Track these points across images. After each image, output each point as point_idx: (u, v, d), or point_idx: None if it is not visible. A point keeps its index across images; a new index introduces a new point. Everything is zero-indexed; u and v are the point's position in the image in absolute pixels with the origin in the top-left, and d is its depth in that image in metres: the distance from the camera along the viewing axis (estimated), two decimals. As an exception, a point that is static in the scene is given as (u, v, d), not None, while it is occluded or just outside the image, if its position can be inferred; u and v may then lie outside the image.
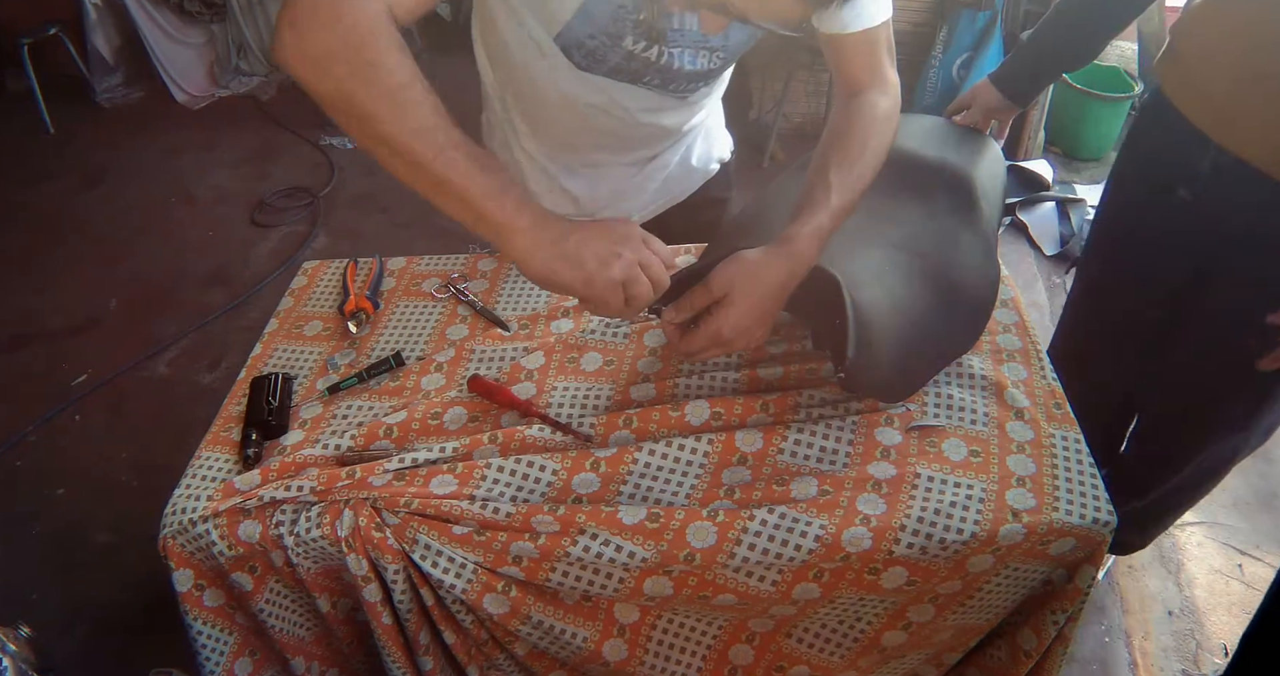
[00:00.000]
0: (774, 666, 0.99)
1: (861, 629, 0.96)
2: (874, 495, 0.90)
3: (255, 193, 3.23)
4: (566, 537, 0.88)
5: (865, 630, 0.96)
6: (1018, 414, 0.98)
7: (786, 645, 0.97)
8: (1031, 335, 1.09)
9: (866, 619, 0.95)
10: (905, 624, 0.95)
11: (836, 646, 0.97)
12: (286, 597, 1.01)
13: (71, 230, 3.11)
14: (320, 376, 1.11)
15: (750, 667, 0.99)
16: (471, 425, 1.02)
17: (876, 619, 0.95)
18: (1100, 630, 1.68)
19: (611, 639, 0.95)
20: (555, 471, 0.94)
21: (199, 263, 2.89)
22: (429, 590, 0.92)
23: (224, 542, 0.93)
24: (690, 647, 0.97)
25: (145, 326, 2.62)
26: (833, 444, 0.95)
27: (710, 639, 0.97)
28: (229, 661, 1.01)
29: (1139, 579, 1.77)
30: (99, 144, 3.60)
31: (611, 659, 0.96)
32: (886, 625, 0.95)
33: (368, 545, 0.90)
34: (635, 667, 0.97)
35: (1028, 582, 0.93)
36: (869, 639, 0.96)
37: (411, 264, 1.29)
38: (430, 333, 1.17)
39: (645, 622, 0.96)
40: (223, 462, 1.00)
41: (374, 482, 0.92)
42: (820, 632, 0.97)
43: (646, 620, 0.96)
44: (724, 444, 0.95)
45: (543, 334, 1.14)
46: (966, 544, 0.86)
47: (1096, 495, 0.89)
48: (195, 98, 3.86)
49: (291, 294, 1.27)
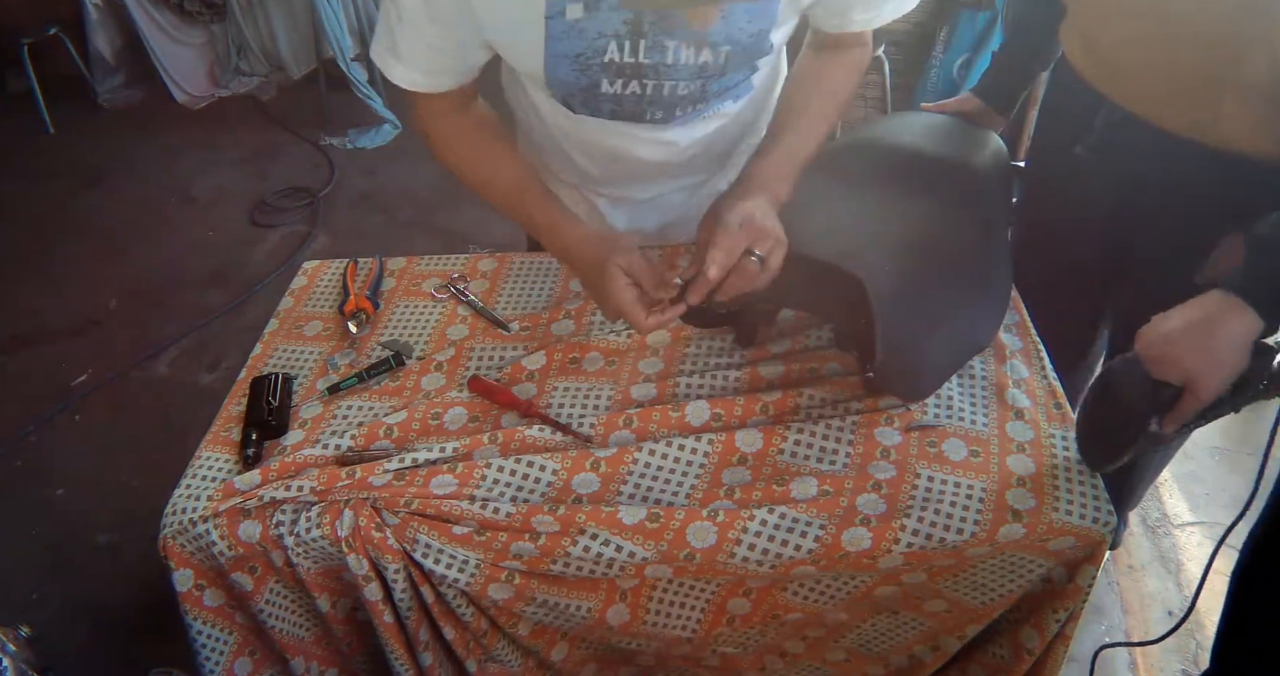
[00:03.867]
0: (770, 614, 0.99)
1: (855, 586, 0.96)
2: (874, 495, 0.90)
3: (255, 193, 3.23)
4: (566, 538, 0.88)
5: (858, 587, 0.96)
6: (1018, 414, 0.98)
7: (782, 597, 0.97)
8: (1032, 334, 1.09)
9: (860, 579, 0.95)
10: (898, 583, 0.95)
11: (830, 598, 0.97)
12: (286, 597, 1.01)
13: (71, 230, 3.11)
14: (320, 376, 1.11)
15: (748, 616, 0.99)
16: (471, 425, 1.02)
17: (870, 579, 0.95)
18: (1100, 630, 1.67)
19: (614, 605, 0.96)
20: (555, 471, 0.94)
21: (199, 263, 2.89)
22: (429, 587, 0.93)
23: (224, 542, 0.93)
24: (690, 602, 0.98)
25: (145, 326, 2.62)
26: (833, 444, 0.95)
27: (709, 595, 0.98)
28: (229, 661, 1.01)
29: (1139, 579, 1.77)
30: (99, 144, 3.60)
31: (615, 623, 0.97)
32: (879, 583, 0.95)
33: (368, 545, 0.90)
34: (638, 627, 0.98)
35: (1024, 572, 0.93)
36: (861, 593, 0.96)
37: (411, 264, 1.29)
38: (430, 332, 1.17)
39: (645, 585, 0.96)
40: (223, 462, 1.00)
41: (374, 482, 0.93)
42: (815, 586, 0.97)
43: (646, 583, 0.96)
44: (724, 444, 0.95)
45: (543, 334, 1.14)
46: (966, 543, 0.86)
47: (1096, 495, 0.89)
48: (195, 98, 3.86)
49: (291, 294, 1.27)
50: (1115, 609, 1.72)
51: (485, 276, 1.25)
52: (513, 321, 1.16)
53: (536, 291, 1.22)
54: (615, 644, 1.03)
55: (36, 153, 3.57)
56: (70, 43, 3.61)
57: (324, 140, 3.49)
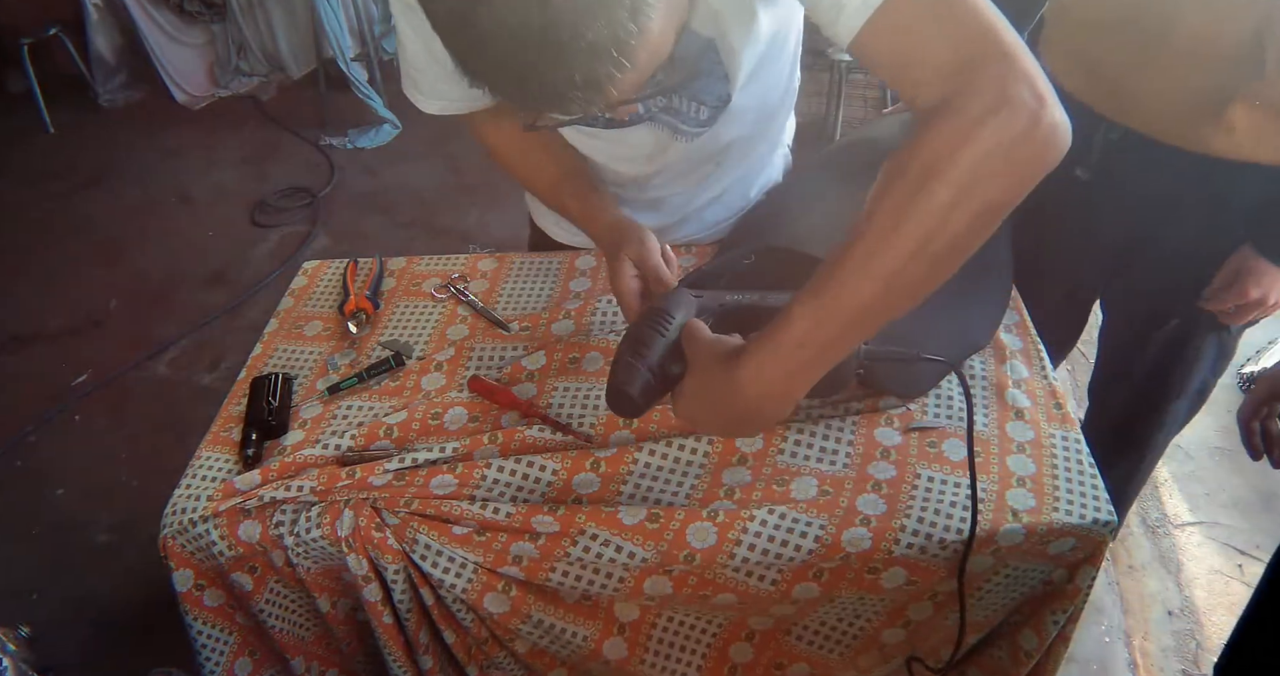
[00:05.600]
0: (774, 664, 0.99)
1: (861, 626, 0.96)
2: (874, 495, 0.90)
3: (255, 193, 3.24)
4: (566, 538, 0.88)
5: (864, 628, 0.96)
6: (1018, 414, 0.98)
7: (786, 642, 0.97)
8: (1031, 334, 1.09)
9: (866, 616, 0.95)
10: (905, 621, 0.95)
11: (836, 643, 0.97)
12: (286, 597, 1.01)
13: (71, 230, 3.11)
14: (320, 376, 1.11)
15: (750, 665, 0.99)
16: (471, 425, 1.02)
17: (875, 616, 0.95)
18: (1100, 630, 1.68)
19: (611, 638, 0.95)
20: (555, 471, 0.94)
21: (199, 263, 2.90)
22: (429, 590, 0.93)
23: (224, 542, 0.93)
24: (690, 646, 0.98)
25: (145, 326, 2.62)
26: (833, 444, 0.95)
27: (710, 637, 0.97)
28: (229, 661, 1.01)
29: (1139, 579, 1.77)
30: (99, 144, 3.60)
31: (611, 657, 0.96)
32: (885, 623, 0.95)
33: (368, 545, 0.90)
34: (635, 666, 0.97)
35: (1027, 582, 0.93)
36: (868, 636, 0.96)
37: (411, 264, 1.29)
38: (430, 332, 1.17)
39: (645, 621, 0.96)
40: (223, 462, 1.00)
41: (374, 482, 0.93)
42: (820, 630, 0.97)
43: (646, 619, 0.96)
44: (724, 444, 0.95)
45: (543, 335, 1.14)
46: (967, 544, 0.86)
47: (1096, 495, 0.89)
48: (195, 98, 3.86)
49: (291, 294, 1.27)
50: (1115, 609, 1.72)
51: (485, 276, 1.25)
52: (513, 321, 1.16)
53: (536, 291, 1.22)
54: None
55: (36, 153, 3.58)
56: (70, 43, 3.61)
57: (324, 140, 3.49)
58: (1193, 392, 1.36)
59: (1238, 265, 1.16)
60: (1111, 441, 1.45)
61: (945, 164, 0.59)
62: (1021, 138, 0.60)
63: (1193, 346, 1.28)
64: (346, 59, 3.36)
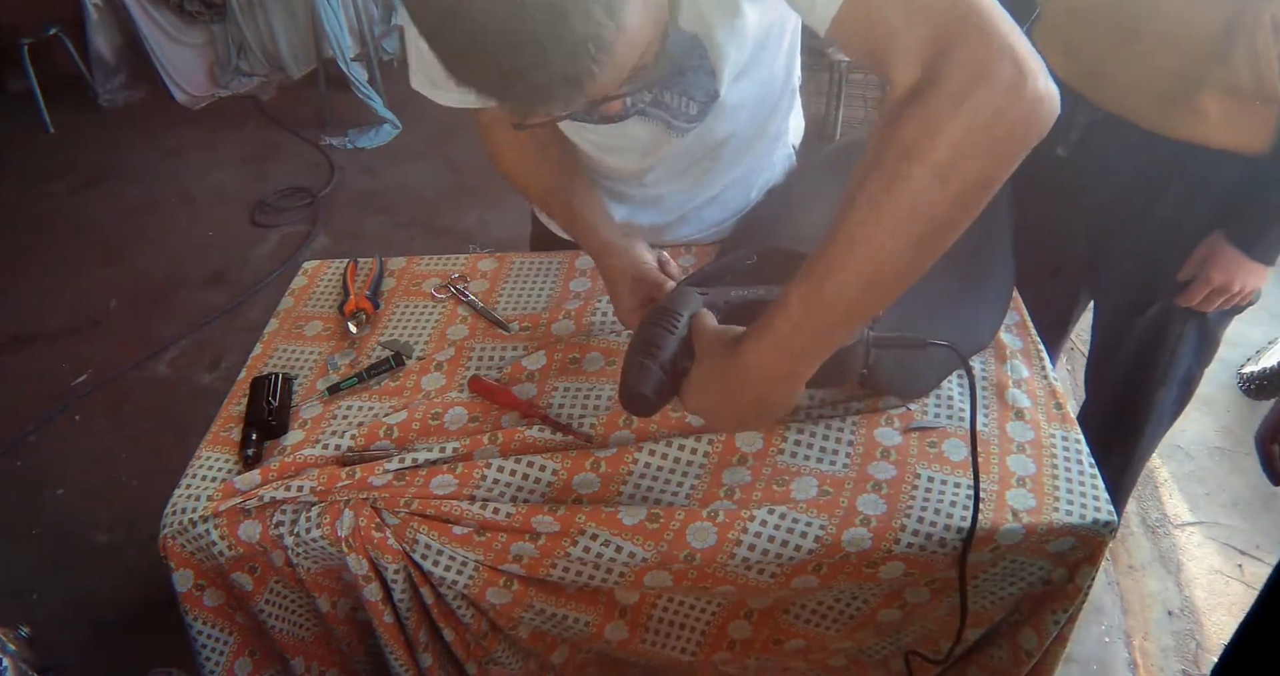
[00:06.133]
0: (771, 639, 0.99)
1: (858, 607, 0.96)
2: (874, 495, 0.90)
3: (255, 193, 3.24)
4: (566, 538, 0.88)
5: (861, 608, 0.96)
6: (1018, 414, 0.98)
7: (784, 620, 0.98)
8: (1032, 334, 1.09)
9: (863, 598, 0.95)
10: (901, 603, 0.95)
11: (833, 622, 0.98)
12: (286, 597, 1.01)
13: (71, 230, 3.11)
14: (320, 376, 1.11)
15: (748, 641, 0.99)
16: (471, 425, 1.02)
17: (873, 598, 0.95)
18: (1100, 630, 1.68)
19: (613, 621, 0.96)
20: (555, 471, 0.94)
21: (199, 263, 2.90)
22: (429, 589, 0.93)
23: (224, 542, 0.93)
24: (690, 624, 0.98)
25: (145, 326, 2.62)
26: (833, 444, 0.95)
27: (709, 616, 0.98)
28: (229, 661, 1.01)
29: (1139, 579, 1.77)
30: (99, 144, 3.60)
31: (613, 639, 0.97)
32: (882, 604, 0.95)
33: (368, 545, 0.90)
34: (636, 645, 0.98)
35: (1026, 576, 0.93)
36: (865, 616, 0.96)
37: (411, 264, 1.29)
38: (430, 333, 1.17)
39: (645, 603, 0.96)
40: (223, 462, 1.00)
41: (374, 482, 0.93)
42: (817, 609, 0.97)
43: (646, 601, 0.96)
44: (724, 444, 0.95)
45: (543, 334, 1.14)
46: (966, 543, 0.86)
47: (1096, 495, 0.89)
48: (195, 98, 3.86)
49: (291, 294, 1.27)
50: (1115, 609, 1.72)
51: (485, 276, 1.25)
52: (513, 321, 1.16)
53: (536, 291, 1.22)
54: (615, 656, 1.03)
55: (36, 153, 3.58)
56: (70, 43, 3.61)
57: (324, 140, 3.49)
58: (1178, 380, 1.38)
59: (1205, 252, 1.20)
60: (1105, 431, 1.46)
61: (924, 146, 0.58)
62: (1001, 113, 0.58)
63: (1173, 332, 1.31)
64: (346, 59, 3.36)
